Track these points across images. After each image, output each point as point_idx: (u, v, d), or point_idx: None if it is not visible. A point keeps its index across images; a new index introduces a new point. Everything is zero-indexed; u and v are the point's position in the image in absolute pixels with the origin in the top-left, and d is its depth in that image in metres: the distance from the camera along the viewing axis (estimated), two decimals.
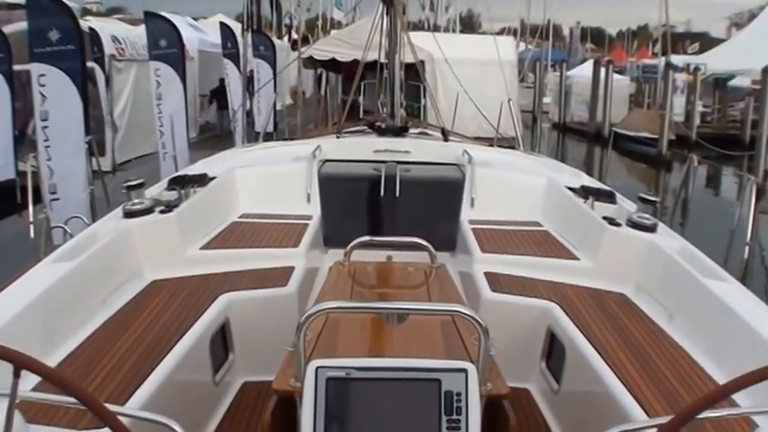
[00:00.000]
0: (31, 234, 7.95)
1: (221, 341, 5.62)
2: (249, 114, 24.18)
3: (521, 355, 5.39)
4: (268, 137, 15.84)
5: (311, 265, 6.71)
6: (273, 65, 25.06)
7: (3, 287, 5.25)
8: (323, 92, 30.78)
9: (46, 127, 12.62)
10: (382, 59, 12.39)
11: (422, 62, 16.07)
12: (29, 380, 4.23)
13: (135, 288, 5.95)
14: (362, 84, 14.22)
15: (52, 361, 4.74)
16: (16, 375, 2.36)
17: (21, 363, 2.34)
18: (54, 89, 12.51)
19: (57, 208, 11.99)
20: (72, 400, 2.69)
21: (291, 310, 5.87)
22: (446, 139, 10.34)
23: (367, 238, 5.43)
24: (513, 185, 8.31)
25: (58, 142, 12.52)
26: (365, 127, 11.05)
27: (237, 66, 23.12)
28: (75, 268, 5.46)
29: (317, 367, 3.17)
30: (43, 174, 12.51)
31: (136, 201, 6.72)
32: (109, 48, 25.41)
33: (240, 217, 7.71)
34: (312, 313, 3.47)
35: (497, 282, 6.00)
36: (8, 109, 18.87)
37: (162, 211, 6.65)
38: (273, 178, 8.38)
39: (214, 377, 5.42)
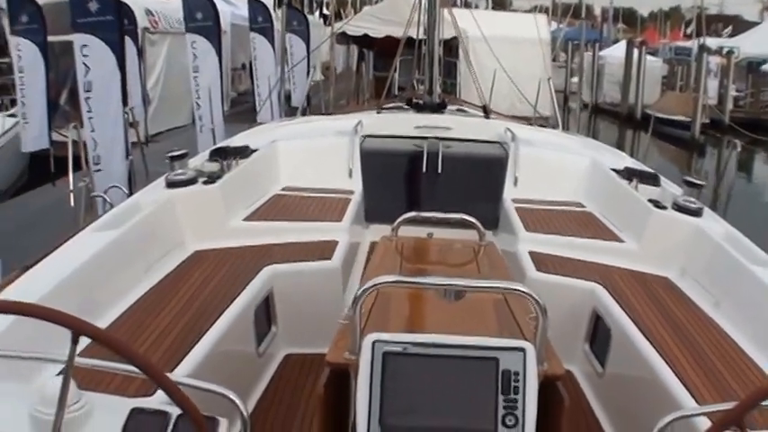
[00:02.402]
0: (71, 203, 7.97)
1: (265, 313, 5.63)
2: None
3: (564, 337, 5.36)
4: (295, 111, 15.81)
5: (353, 239, 6.71)
6: (307, 40, 24.95)
7: (45, 255, 5.28)
8: (354, 68, 30.64)
9: (89, 98, 12.64)
10: (420, 35, 12.32)
11: (457, 39, 15.98)
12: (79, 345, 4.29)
13: (178, 258, 5.97)
14: (395, 60, 14.15)
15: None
16: (74, 342, 2.35)
17: (79, 329, 2.33)
18: (95, 59, 12.52)
19: (99, 179, 12.01)
20: (127, 367, 2.71)
21: (335, 284, 5.89)
22: (487, 116, 10.28)
23: (414, 213, 5.40)
24: (556, 165, 8.26)
25: (99, 113, 12.53)
26: (402, 103, 11.01)
27: (269, 40, 23.00)
28: (118, 237, 5.48)
29: (374, 341, 3.15)
30: (88, 145, 12.56)
31: (179, 171, 6.72)
32: (142, 20, 25.36)
33: (282, 190, 7.72)
34: (370, 287, 3.45)
35: (542, 262, 5.97)
36: (43, 80, 18.88)
37: (205, 182, 6.66)
38: (315, 152, 8.37)
39: (257, 348, 5.43)
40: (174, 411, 2.59)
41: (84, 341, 2.37)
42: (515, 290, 3.52)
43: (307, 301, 5.78)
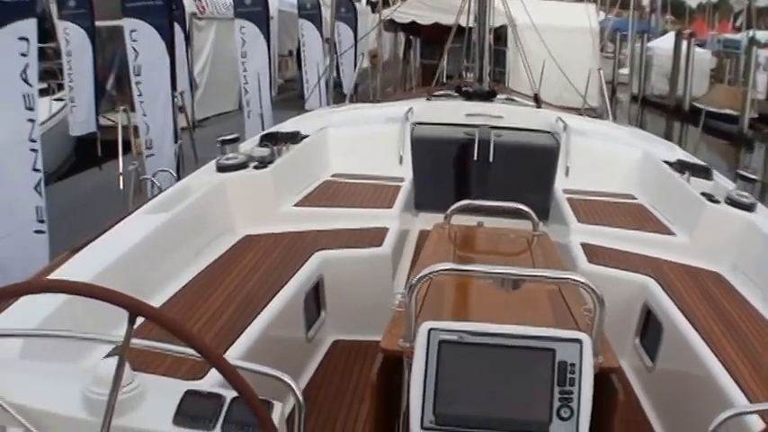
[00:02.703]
0: (120, 186, 8.00)
1: (314, 299, 5.63)
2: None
3: (614, 330, 5.30)
4: (343, 98, 15.76)
5: (403, 226, 6.68)
6: (354, 27, 24.94)
7: (94, 237, 5.29)
8: (402, 55, 30.59)
9: (139, 82, 12.69)
10: (470, 23, 12.26)
11: (505, 27, 15.89)
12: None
13: (228, 242, 5.97)
14: (446, 47, 14.07)
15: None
16: (131, 323, 2.33)
17: (137, 310, 2.31)
18: (144, 44, 12.56)
19: (151, 163, 12.08)
20: (181, 348, 2.69)
21: (385, 271, 5.86)
22: (538, 106, 10.21)
23: (467, 201, 5.35)
24: (608, 156, 8.18)
25: (150, 98, 12.57)
26: (451, 91, 10.96)
27: (317, 27, 22.98)
28: (169, 220, 5.49)
29: (430, 329, 3.11)
30: (140, 129, 12.62)
31: (229, 155, 6.73)
32: (189, 5, 25.41)
33: (332, 176, 7.70)
34: (427, 274, 3.40)
35: (594, 253, 5.91)
36: (90, 65, 18.95)
37: (256, 167, 6.66)
38: (365, 139, 8.34)
39: (307, 334, 5.43)
40: (229, 394, 2.57)
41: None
42: (574, 280, 3.47)
43: (356, 288, 5.77)
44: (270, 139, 7.60)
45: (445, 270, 3.50)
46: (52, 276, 4.65)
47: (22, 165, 8.10)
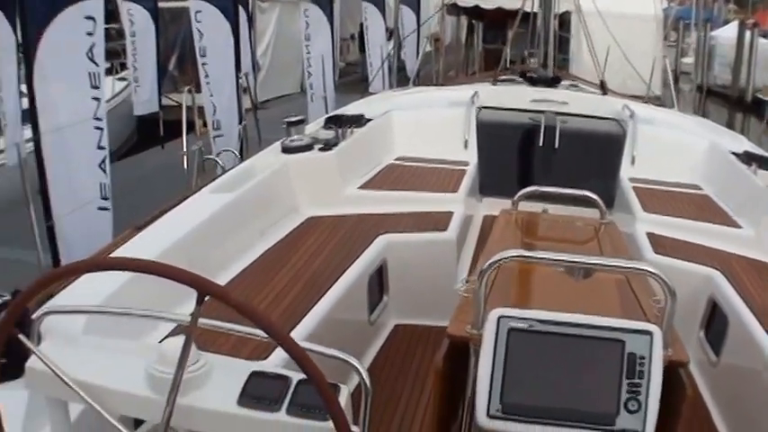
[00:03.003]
0: (184, 165, 8.03)
1: (378, 282, 5.59)
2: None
3: (678, 322, 5.22)
4: (405, 82, 15.71)
5: (468, 211, 6.62)
6: (417, 11, 24.87)
7: (158, 215, 5.30)
8: (464, 39, 30.44)
9: (205, 63, 12.73)
10: (535, 8, 12.14)
11: (569, 13, 15.73)
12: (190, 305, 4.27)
13: (292, 223, 5.98)
14: (509, 32, 13.95)
15: None
16: (199, 302, 2.31)
17: (206, 289, 2.28)
18: (209, 25, 12.61)
19: (220, 143, 12.12)
20: (249, 329, 2.66)
21: (449, 256, 5.82)
22: (604, 92, 10.09)
23: (534, 188, 5.28)
24: (674, 145, 8.05)
25: (216, 79, 12.63)
26: (515, 76, 10.86)
27: (380, 10, 22.93)
28: (234, 200, 5.51)
29: (500, 316, 3.04)
30: (207, 110, 12.66)
31: (295, 137, 6.72)
32: None
33: (396, 159, 7.66)
34: (498, 260, 3.35)
35: (660, 244, 5.80)
36: (153, 45, 19.08)
37: (321, 149, 6.65)
38: (430, 122, 8.29)
39: (369, 317, 5.41)
40: (295, 376, 2.53)
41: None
42: (647, 271, 3.39)
43: (419, 272, 5.73)
44: (334, 122, 7.60)
45: (517, 256, 3.44)
46: (116, 254, 4.67)
47: (87, 142, 8.15)
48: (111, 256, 2.47)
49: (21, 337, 2.59)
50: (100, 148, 8.18)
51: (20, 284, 5.57)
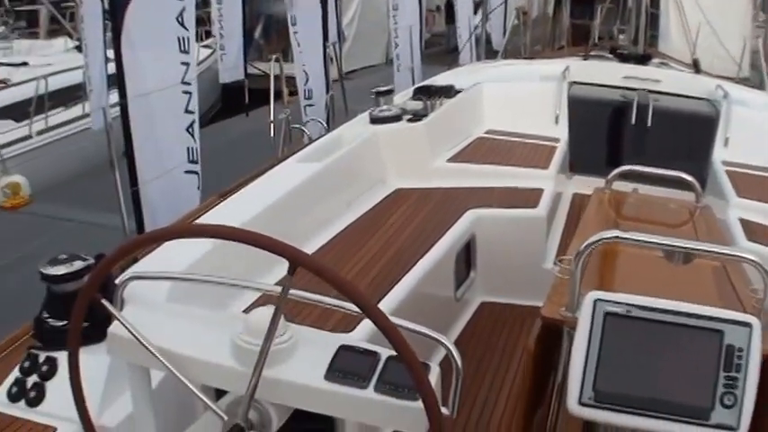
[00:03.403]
0: (271, 133, 8.00)
1: (465, 258, 5.50)
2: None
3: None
4: (493, 54, 15.54)
5: (558, 189, 6.49)
6: None
7: (244, 182, 5.26)
8: (551, 13, 30.12)
9: (297, 32, 12.74)
10: None
11: None
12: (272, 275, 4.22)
13: (379, 194, 5.91)
14: (599, 7, 13.69)
15: None
16: (291, 273, 2.25)
17: (299, 261, 2.22)
18: None
19: (310, 113, 12.11)
20: (339, 303, 2.62)
21: (539, 234, 5.71)
22: (697, 71, 9.85)
23: (629, 167, 5.11)
24: None
25: (307, 48, 12.63)
26: (605, 52, 10.65)
27: None
28: (321, 169, 5.45)
29: (596, 300, 2.92)
30: (299, 79, 12.64)
31: (383, 107, 6.65)
32: None
33: (486, 132, 7.53)
34: (596, 241, 3.22)
35: (754, 231, 5.56)
36: (240, 13, 19.18)
37: (410, 120, 6.56)
38: (521, 96, 8.13)
39: (455, 293, 5.32)
40: (384, 352, 2.46)
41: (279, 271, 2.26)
42: (748, 259, 3.24)
43: (508, 249, 5.63)
44: (423, 93, 7.48)
45: (617, 238, 3.31)
46: (202, 220, 4.65)
47: (175, 107, 8.15)
48: (210, 224, 2.41)
49: (104, 302, 2.57)
50: (188, 112, 8.18)
51: (104, 249, 5.59)
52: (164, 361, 2.47)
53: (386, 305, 4.21)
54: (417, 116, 6.66)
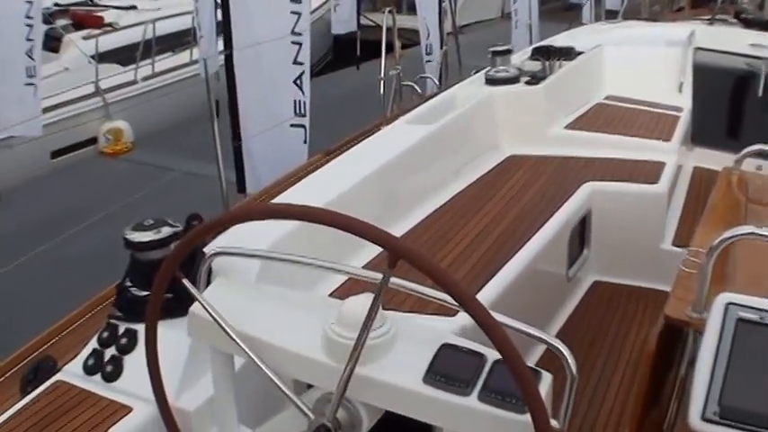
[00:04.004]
0: (381, 90, 7.82)
1: (579, 234, 5.28)
2: None
3: None
4: (614, 15, 15.10)
5: (679, 162, 6.18)
6: None
7: (351, 140, 5.12)
8: None
9: None
10: None
11: None
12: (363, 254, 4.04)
13: (492, 161, 5.73)
14: None
15: (399, 229, 4.57)
16: (391, 266, 2.05)
17: (401, 253, 2.02)
18: None
19: (428, 69, 11.91)
20: (440, 295, 2.36)
21: (658, 211, 5.44)
22: None
23: (758, 146, 4.78)
24: None
25: (423, 1, 12.41)
26: (728, 17, 10.19)
27: None
28: (432, 132, 5.30)
29: (728, 303, 2.63)
30: (421, 33, 12.50)
31: (500, 68, 6.41)
32: None
33: (605, 98, 7.23)
34: (730, 237, 2.95)
35: None
36: None
37: (528, 82, 6.32)
38: (643, 61, 7.76)
39: (568, 271, 5.11)
40: (491, 354, 2.26)
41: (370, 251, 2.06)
42: None
43: (625, 226, 5.37)
44: (542, 54, 7.21)
45: (751, 234, 3.01)
46: (304, 185, 4.51)
47: (283, 58, 8.00)
48: (311, 207, 2.19)
49: (185, 281, 2.45)
50: (297, 63, 8.00)
51: (205, 203, 5.49)
52: (246, 350, 2.35)
53: (497, 283, 4.04)
54: (535, 78, 6.41)
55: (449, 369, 2.24)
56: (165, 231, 3.28)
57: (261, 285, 3.16)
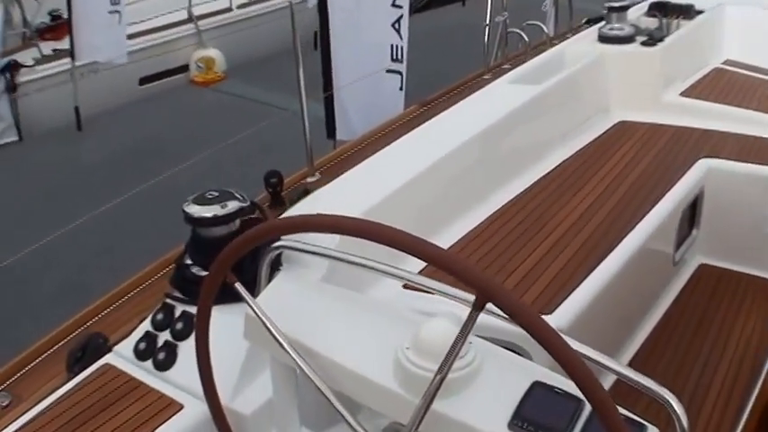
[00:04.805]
0: (485, 38, 7.58)
1: (690, 214, 5.01)
2: None
3: None
4: None
5: None
6: None
7: (448, 92, 4.91)
8: None
9: None
10: None
11: None
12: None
13: (600, 126, 5.49)
14: None
15: (500, 200, 4.37)
16: (478, 308, 1.81)
17: (489, 294, 1.76)
18: None
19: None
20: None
21: None
22: None
23: None
24: None
25: None
26: None
27: None
28: (539, 93, 5.09)
29: None
30: None
31: (615, 25, 6.12)
32: None
33: (724, 63, 6.86)
34: None
35: None
36: None
37: (644, 43, 6.02)
38: None
39: (674, 254, 4.86)
40: None
41: None
42: None
43: (737, 209, 5.09)
44: (660, 10, 6.85)
45: None
46: (399, 148, 4.38)
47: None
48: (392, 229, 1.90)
49: (237, 286, 2.29)
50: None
51: (294, 141, 5.34)
52: (306, 370, 2.19)
53: (601, 273, 3.81)
54: (652, 38, 6.08)
55: (539, 414, 2.00)
56: (231, 206, 3.10)
57: (328, 281, 2.97)
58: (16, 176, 11.06)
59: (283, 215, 3.71)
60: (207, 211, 3.07)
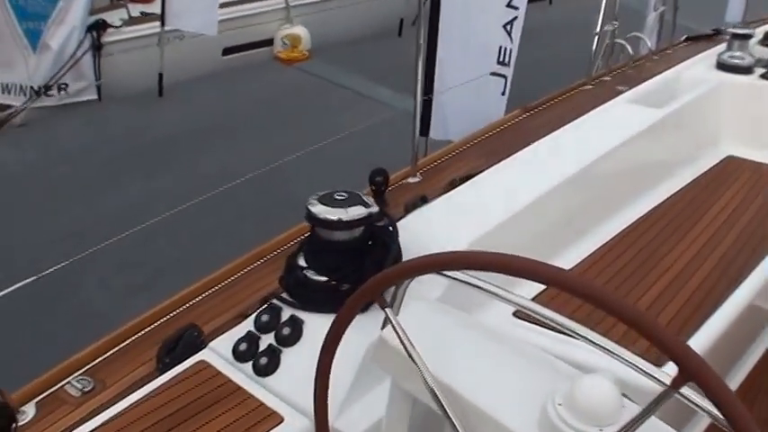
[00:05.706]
0: (593, 46, 7.53)
1: None
2: None
3: None
4: None
5: None
6: None
7: (553, 99, 5.02)
8: None
9: None
10: None
11: None
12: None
13: (709, 159, 5.41)
14: None
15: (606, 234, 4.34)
16: (677, 385, 1.68)
17: (693, 372, 1.62)
18: None
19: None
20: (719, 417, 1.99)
21: None
22: None
23: None
24: None
25: None
26: None
27: None
28: (656, 121, 5.09)
29: None
30: None
31: (736, 53, 6.05)
32: None
33: None
34: None
35: None
36: None
37: (763, 75, 5.94)
38: None
39: None
40: None
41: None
42: None
43: None
44: None
45: None
46: (510, 165, 4.39)
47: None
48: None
49: (388, 311, 2.21)
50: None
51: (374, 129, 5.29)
52: (450, 413, 2.08)
53: (722, 317, 3.68)
54: None
55: None
56: (355, 212, 3.07)
57: (444, 301, 2.88)
58: (93, 135, 11.08)
59: (401, 221, 3.71)
60: (332, 214, 3.05)
